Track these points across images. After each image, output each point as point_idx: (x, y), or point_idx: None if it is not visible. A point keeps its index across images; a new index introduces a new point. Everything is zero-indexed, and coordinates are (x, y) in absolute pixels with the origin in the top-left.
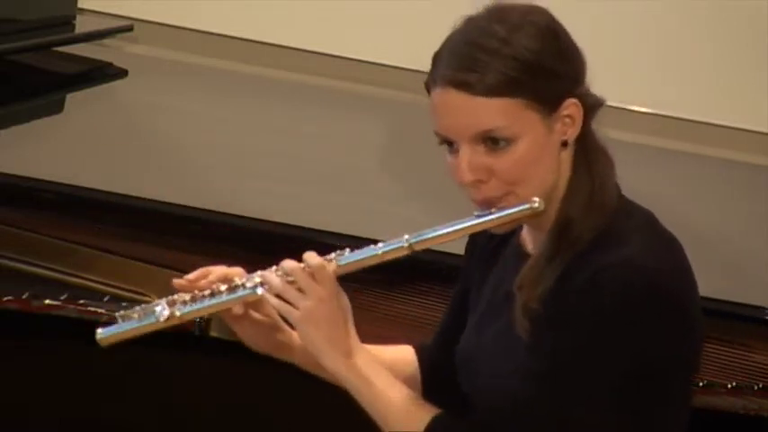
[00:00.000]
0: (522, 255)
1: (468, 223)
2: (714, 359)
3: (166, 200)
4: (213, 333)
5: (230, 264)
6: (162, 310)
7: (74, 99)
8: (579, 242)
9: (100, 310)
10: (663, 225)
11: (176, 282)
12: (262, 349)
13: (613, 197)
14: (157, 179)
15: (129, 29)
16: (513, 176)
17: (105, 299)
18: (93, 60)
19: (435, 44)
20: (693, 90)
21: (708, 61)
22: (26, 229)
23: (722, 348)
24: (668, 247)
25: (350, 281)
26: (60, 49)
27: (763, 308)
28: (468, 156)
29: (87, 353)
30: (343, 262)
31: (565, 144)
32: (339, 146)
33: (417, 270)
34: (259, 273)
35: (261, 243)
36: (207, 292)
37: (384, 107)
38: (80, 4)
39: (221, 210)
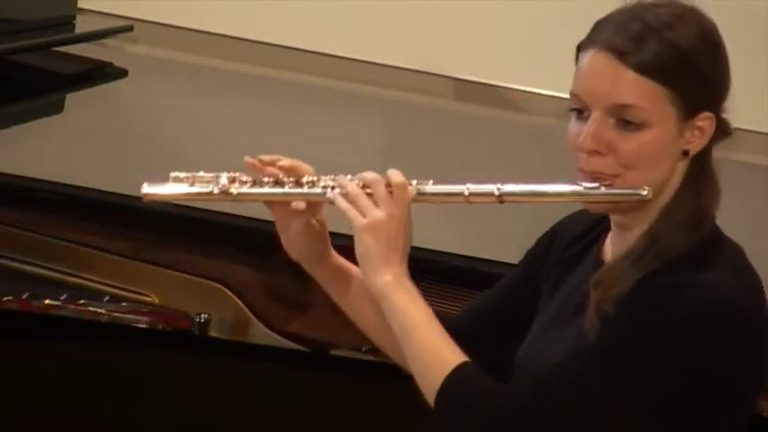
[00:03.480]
0: (601, 264)
1: (570, 189)
2: None
3: None
4: (213, 333)
5: (230, 264)
6: (219, 182)
7: (74, 99)
8: (664, 255)
9: (100, 310)
10: (750, 262)
11: (247, 159)
12: (298, 255)
13: (709, 225)
14: (158, 179)
15: (129, 29)
16: (631, 160)
17: (105, 299)
18: (93, 60)
19: (435, 44)
20: None
21: None
22: (26, 229)
23: None
24: (751, 281)
25: None
26: (60, 49)
27: None
28: (597, 124)
29: (87, 353)
30: (425, 189)
31: (686, 154)
32: (339, 146)
33: (417, 269)
34: (332, 176)
35: (261, 243)
36: (271, 180)
37: (384, 107)
38: (80, 4)
39: (221, 210)
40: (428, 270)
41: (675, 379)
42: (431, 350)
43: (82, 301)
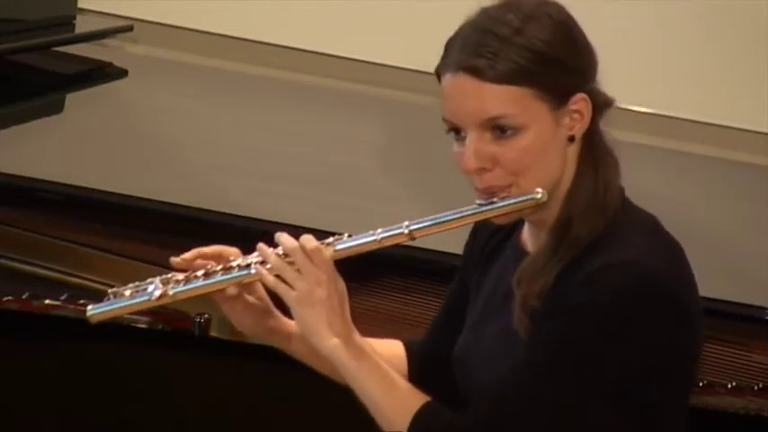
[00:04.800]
0: (523, 254)
1: (471, 212)
2: (714, 359)
3: (166, 200)
4: (213, 333)
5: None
6: (155, 288)
7: (74, 99)
8: (579, 241)
9: None
10: (665, 229)
11: (173, 260)
12: (252, 333)
13: (616, 199)
14: (157, 179)
15: (129, 29)
16: (518, 166)
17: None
18: (93, 60)
19: (435, 44)
20: (693, 90)
21: (708, 61)
22: (26, 229)
23: (722, 348)
24: (669, 250)
25: (346, 280)
26: (60, 49)
27: (763, 308)
28: (475, 143)
29: (87, 353)
30: (340, 246)
31: (572, 139)
32: (339, 146)
33: (414, 269)
34: (256, 253)
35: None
36: (201, 273)
37: (384, 107)
38: (80, 4)
39: (221, 210)
40: (428, 270)
41: (613, 365)
42: (389, 401)
43: (82, 301)
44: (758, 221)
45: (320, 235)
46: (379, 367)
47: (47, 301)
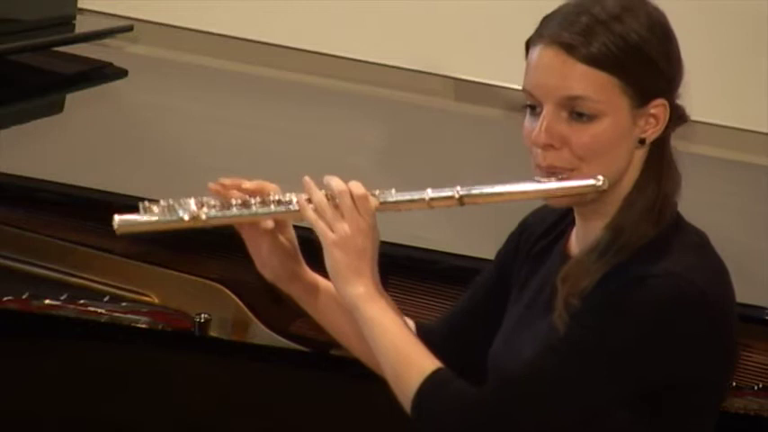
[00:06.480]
0: (567, 258)
1: (529, 187)
2: None
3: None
4: (213, 333)
5: (230, 264)
6: (188, 209)
7: (74, 99)
8: (629, 247)
9: (100, 310)
10: (714, 249)
11: (211, 185)
12: (275, 276)
13: (672, 212)
14: (158, 179)
15: (129, 29)
16: (586, 152)
17: (105, 299)
18: (93, 60)
19: (435, 44)
20: (694, 90)
21: (707, 61)
22: (26, 229)
23: None
24: (715, 270)
25: None
26: (60, 49)
27: (763, 308)
28: (549, 118)
29: (87, 353)
30: (388, 199)
31: (642, 142)
32: (339, 146)
33: (415, 269)
34: (295, 194)
35: None
36: (238, 202)
37: (384, 107)
38: (80, 4)
39: None
40: (428, 270)
41: (638, 371)
42: (404, 357)
43: (82, 301)
44: (758, 221)
45: (314, 233)
46: (399, 323)
47: (47, 301)
